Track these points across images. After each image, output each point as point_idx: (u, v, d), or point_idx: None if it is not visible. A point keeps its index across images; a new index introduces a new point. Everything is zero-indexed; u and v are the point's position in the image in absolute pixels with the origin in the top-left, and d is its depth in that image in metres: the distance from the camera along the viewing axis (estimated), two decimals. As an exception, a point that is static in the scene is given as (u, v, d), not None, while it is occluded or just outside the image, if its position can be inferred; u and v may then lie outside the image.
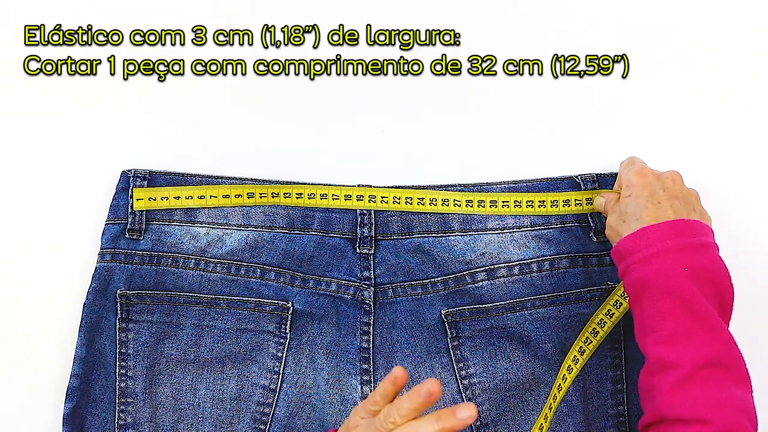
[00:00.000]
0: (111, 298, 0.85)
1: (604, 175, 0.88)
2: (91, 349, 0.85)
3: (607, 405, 0.85)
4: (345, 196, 0.87)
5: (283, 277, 0.86)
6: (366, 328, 0.85)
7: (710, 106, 0.90)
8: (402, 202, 0.87)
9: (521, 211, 0.87)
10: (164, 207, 0.86)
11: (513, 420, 0.85)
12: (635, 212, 0.77)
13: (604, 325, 0.82)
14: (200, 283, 0.86)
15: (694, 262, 0.73)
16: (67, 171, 0.88)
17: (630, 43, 0.90)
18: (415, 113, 0.90)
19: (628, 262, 0.75)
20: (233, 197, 0.86)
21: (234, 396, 0.85)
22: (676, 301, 0.72)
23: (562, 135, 0.90)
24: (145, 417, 0.84)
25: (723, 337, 0.72)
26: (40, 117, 0.89)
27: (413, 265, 0.86)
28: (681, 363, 0.70)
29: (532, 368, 0.85)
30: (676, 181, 0.79)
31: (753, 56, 0.91)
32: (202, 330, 0.85)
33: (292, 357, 0.85)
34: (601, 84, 0.90)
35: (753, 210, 0.90)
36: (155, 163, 0.88)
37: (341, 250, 0.87)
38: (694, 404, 0.69)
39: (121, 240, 0.86)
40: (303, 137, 0.89)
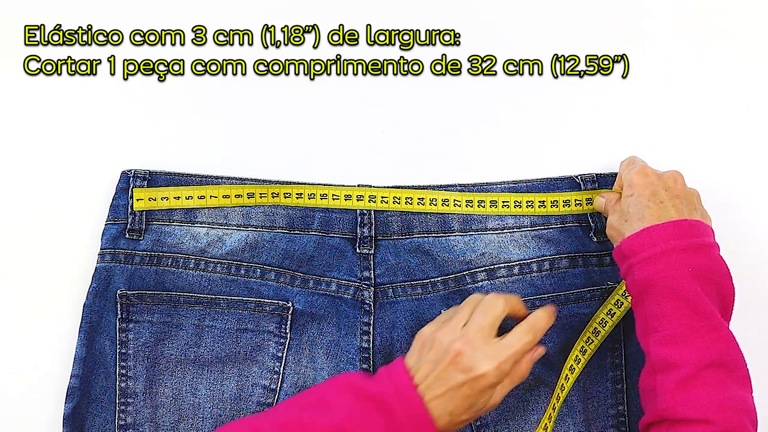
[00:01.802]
0: (111, 298, 0.85)
1: (604, 175, 0.88)
2: (91, 349, 0.85)
3: (607, 405, 0.85)
4: (345, 196, 0.87)
5: (283, 277, 0.86)
6: (366, 328, 0.85)
7: (710, 106, 0.90)
8: (402, 202, 0.87)
9: (521, 211, 0.87)
10: (164, 207, 0.86)
11: (513, 420, 0.85)
12: (637, 212, 0.77)
13: (605, 324, 0.82)
14: (200, 283, 0.86)
15: (698, 262, 0.73)
16: (67, 171, 0.88)
17: (630, 43, 0.90)
18: (415, 113, 0.90)
19: (631, 262, 0.75)
20: (233, 197, 0.86)
21: (234, 396, 0.85)
22: (680, 301, 0.72)
23: (562, 135, 0.90)
24: (145, 417, 0.84)
25: (725, 337, 0.72)
26: (40, 117, 0.89)
27: (413, 265, 0.87)
28: (684, 363, 0.71)
29: (532, 368, 0.85)
30: (678, 180, 0.79)
31: (753, 56, 0.91)
32: (203, 330, 0.85)
33: (292, 357, 0.85)
34: (601, 84, 0.90)
35: (753, 210, 0.90)
36: (155, 163, 0.88)
37: (341, 250, 0.87)
38: (697, 404, 0.69)
39: (121, 240, 0.86)
40: (303, 137, 0.89)
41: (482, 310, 0.74)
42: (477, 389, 0.72)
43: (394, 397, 0.71)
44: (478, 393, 0.72)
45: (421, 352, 0.74)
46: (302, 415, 0.71)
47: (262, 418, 0.73)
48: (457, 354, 0.72)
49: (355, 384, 0.72)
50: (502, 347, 0.72)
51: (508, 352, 0.72)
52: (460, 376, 0.71)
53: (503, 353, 0.72)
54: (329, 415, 0.70)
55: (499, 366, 0.72)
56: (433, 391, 0.71)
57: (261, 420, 0.72)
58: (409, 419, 0.70)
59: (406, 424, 0.70)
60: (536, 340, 0.74)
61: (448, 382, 0.71)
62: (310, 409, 0.72)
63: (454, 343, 0.72)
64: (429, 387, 0.71)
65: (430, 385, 0.72)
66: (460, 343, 0.72)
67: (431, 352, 0.73)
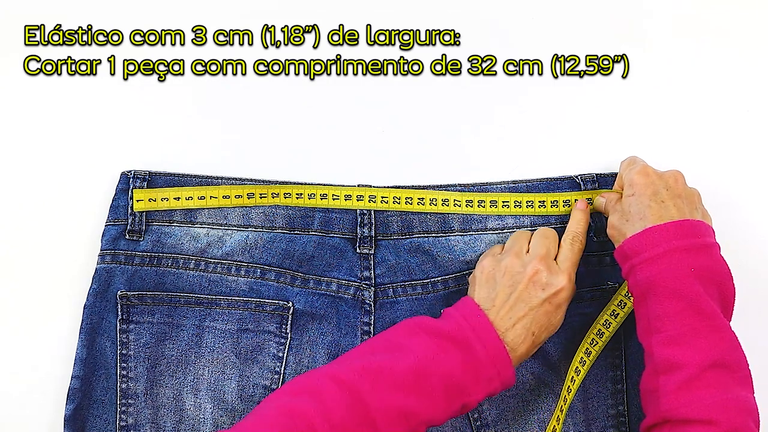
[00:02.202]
0: (111, 299, 0.85)
1: (604, 175, 0.88)
2: (91, 350, 0.85)
3: (607, 405, 0.85)
4: (345, 196, 0.87)
5: (283, 278, 0.86)
6: (366, 328, 0.86)
7: (710, 106, 0.90)
8: (402, 202, 0.87)
9: (521, 211, 0.87)
10: (164, 208, 0.86)
11: (513, 420, 0.85)
12: (639, 211, 0.77)
13: (609, 326, 0.82)
14: (200, 283, 0.86)
15: (700, 262, 0.73)
16: (67, 172, 0.88)
17: (630, 43, 0.90)
18: (415, 113, 0.90)
19: (633, 262, 0.75)
20: (233, 198, 0.86)
21: (235, 396, 0.85)
22: (683, 301, 0.72)
23: (562, 135, 0.90)
24: (146, 418, 0.84)
25: (728, 337, 0.72)
26: (40, 117, 0.89)
27: (413, 265, 0.87)
28: (687, 364, 0.71)
29: (532, 368, 0.85)
30: (679, 180, 0.79)
31: (753, 56, 0.91)
32: (203, 330, 0.85)
33: (293, 357, 0.86)
34: (601, 84, 0.90)
35: (753, 210, 0.90)
36: (155, 163, 0.88)
37: (341, 250, 0.87)
38: (700, 405, 0.69)
39: (121, 241, 0.85)
40: (303, 137, 0.89)
41: (540, 237, 0.80)
42: (555, 304, 0.77)
43: (469, 331, 0.74)
44: (555, 308, 0.77)
45: (489, 283, 0.78)
46: (379, 358, 0.72)
47: (335, 367, 0.73)
48: (534, 273, 0.77)
49: (427, 325, 0.75)
50: (565, 261, 0.79)
51: (569, 264, 0.79)
52: (541, 293, 0.76)
53: (568, 266, 0.78)
54: (407, 356, 0.72)
55: (570, 278, 0.78)
56: (516, 313, 0.76)
57: (335, 369, 0.72)
58: (486, 352, 0.73)
59: (483, 359, 0.73)
60: (583, 246, 0.81)
61: (530, 302, 0.76)
62: (386, 352, 0.73)
63: (527, 265, 0.77)
64: (511, 310, 0.76)
65: (511, 307, 0.76)
66: (534, 264, 0.77)
67: (504, 277, 0.77)
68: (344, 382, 0.70)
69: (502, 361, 0.74)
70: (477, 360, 0.73)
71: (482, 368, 0.73)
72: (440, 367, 0.72)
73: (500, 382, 0.74)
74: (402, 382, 0.71)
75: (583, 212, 0.83)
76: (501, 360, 0.74)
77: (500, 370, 0.74)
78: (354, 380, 0.70)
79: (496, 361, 0.73)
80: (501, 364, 0.74)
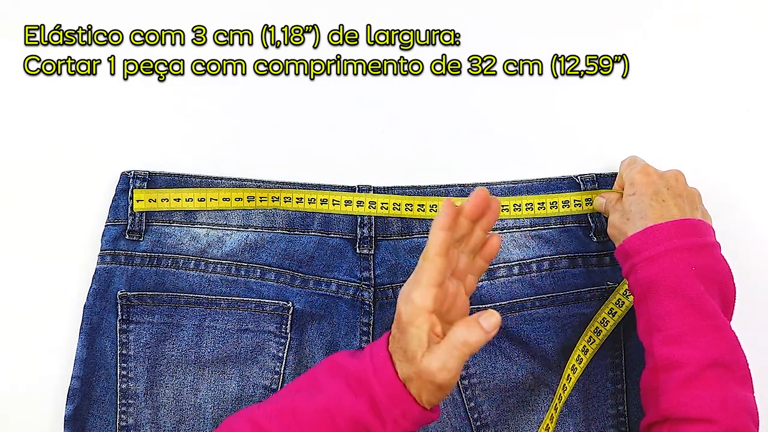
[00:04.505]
0: (111, 299, 0.85)
1: (604, 175, 0.88)
2: (91, 350, 0.85)
3: (607, 405, 0.85)
4: (345, 202, 0.87)
5: (283, 278, 0.86)
6: (366, 328, 0.86)
7: (710, 106, 0.90)
8: (402, 208, 0.87)
9: (521, 214, 0.87)
10: (164, 208, 0.86)
11: (513, 420, 0.85)
12: (640, 210, 0.77)
13: (606, 324, 0.82)
14: (200, 283, 0.86)
15: (701, 261, 0.73)
16: (67, 172, 0.88)
17: (630, 43, 0.90)
18: (415, 113, 0.90)
19: (634, 261, 0.75)
20: (233, 200, 0.86)
21: (235, 396, 0.85)
22: (684, 300, 0.72)
23: (562, 135, 0.90)
24: (146, 418, 0.85)
25: (728, 336, 0.72)
26: (40, 117, 0.89)
27: (413, 265, 0.86)
28: (687, 362, 0.71)
29: (532, 368, 0.85)
30: (679, 179, 0.79)
31: (753, 56, 0.91)
32: (203, 331, 0.85)
33: (293, 357, 0.86)
34: (601, 84, 0.90)
35: (753, 209, 0.90)
36: (155, 163, 0.88)
37: (341, 250, 0.87)
38: (700, 404, 0.70)
39: (121, 241, 0.86)
40: (303, 137, 0.89)
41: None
42: (401, 330, 0.66)
43: (371, 371, 0.67)
44: (402, 334, 0.66)
45: None
46: (294, 399, 0.70)
47: (262, 407, 0.72)
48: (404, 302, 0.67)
49: (341, 363, 0.70)
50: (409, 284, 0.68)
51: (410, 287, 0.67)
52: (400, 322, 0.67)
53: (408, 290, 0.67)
54: (319, 396, 0.69)
55: (406, 301, 0.67)
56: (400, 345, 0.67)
57: (259, 411, 0.71)
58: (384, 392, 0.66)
59: (384, 400, 0.66)
60: (435, 263, 0.67)
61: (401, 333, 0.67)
62: (302, 392, 0.70)
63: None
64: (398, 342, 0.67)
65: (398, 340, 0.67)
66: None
67: None
68: (258, 425, 0.69)
69: (403, 402, 0.66)
70: (378, 401, 0.66)
71: (385, 410, 0.66)
72: (347, 408, 0.67)
73: (410, 422, 0.67)
74: (310, 423, 0.68)
75: (439, 231, 0.68)
76: (401, 400, 0.66)
77: (404, 410, 0.66)
78: (265, 424, 0.69)
79: (397, 401, 0.66)
80: (403, 404, 0.66)
